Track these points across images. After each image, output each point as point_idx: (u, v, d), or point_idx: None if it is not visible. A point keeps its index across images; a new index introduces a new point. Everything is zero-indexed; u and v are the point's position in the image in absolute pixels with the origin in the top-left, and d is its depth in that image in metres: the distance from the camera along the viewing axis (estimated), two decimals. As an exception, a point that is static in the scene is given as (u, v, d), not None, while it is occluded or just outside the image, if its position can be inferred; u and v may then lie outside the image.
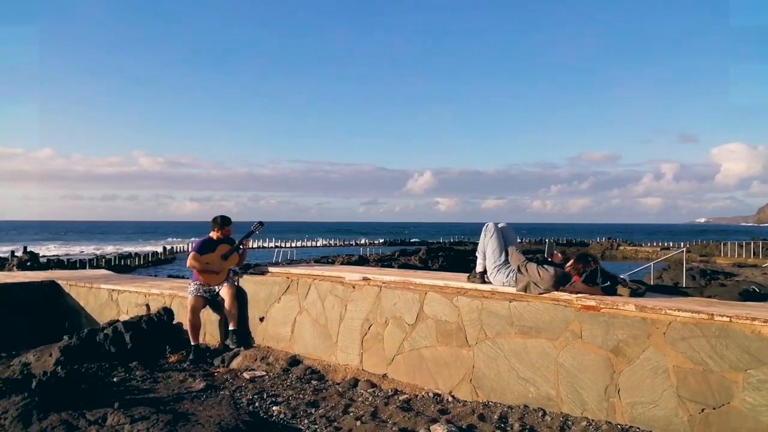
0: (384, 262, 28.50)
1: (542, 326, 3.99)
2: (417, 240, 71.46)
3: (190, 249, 6.45)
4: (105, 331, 6.07)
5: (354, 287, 5.25)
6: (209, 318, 6.30)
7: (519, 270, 4.25)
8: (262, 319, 6.02)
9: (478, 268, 4.69)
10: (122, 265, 34.64)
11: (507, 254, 4.52)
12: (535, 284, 4.14)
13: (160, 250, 47.02)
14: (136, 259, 39.52)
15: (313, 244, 68.01)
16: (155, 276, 20.20)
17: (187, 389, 4.91)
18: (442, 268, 26.60)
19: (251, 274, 6.39)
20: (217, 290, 6.17)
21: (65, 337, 6.13)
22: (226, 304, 6.04)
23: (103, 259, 36.10)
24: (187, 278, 7.31)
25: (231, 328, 6.03)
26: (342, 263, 26.99)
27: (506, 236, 4.65)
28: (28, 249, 36.29)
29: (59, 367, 5.29)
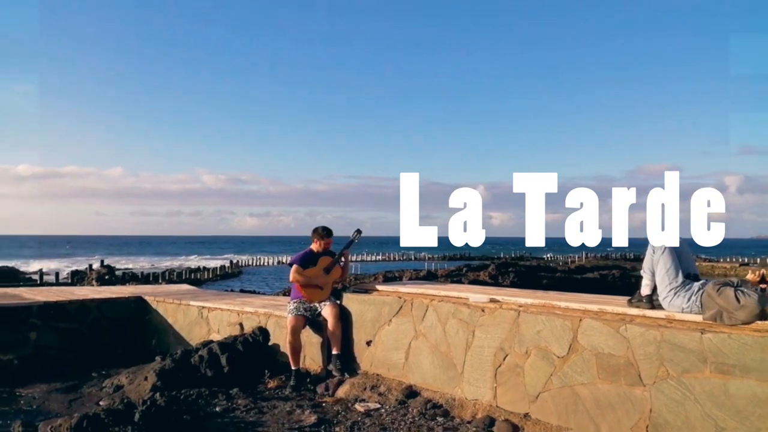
0: (452, 277, 27.73)
1: (751, 364, 3.18)
2: (475, 254, 68.34)
3: (288, 262, 5.95)
4: (200, 353, 5.63)
5: (483, 310, 4.57)
6: (309, 340, 5.76)
7: (710, 295, 3.47)
8: (369, 343, 5.42)
9: (644, 291, 3.92)
10: (192, 279, 35.21)
11: (685, 275, 3.74)
12: (731, 313, 3.35)
13: (227, 264, 47.84)
14: (206, 273, 40.20)
15: (373, 258, 67.90)
16: (230, 290, 20.13)
17: (297, 423, 4.37)
18: (513, 285, 25.39)
19: (354, 292, 5.82)
20: (319, 309, 5.62)
21: (157, 359, 5.73)
22: (330, 325, 5.48)
23: (175, 273, 36.86)
24: (269, 294, 6.77)
25: (334, 352, 5.46)
26: (410, 278, 26.37)
27: (681, 253, 3.86)
28: (105, 262, 37.54)
29: (157, 394, 4.85)
